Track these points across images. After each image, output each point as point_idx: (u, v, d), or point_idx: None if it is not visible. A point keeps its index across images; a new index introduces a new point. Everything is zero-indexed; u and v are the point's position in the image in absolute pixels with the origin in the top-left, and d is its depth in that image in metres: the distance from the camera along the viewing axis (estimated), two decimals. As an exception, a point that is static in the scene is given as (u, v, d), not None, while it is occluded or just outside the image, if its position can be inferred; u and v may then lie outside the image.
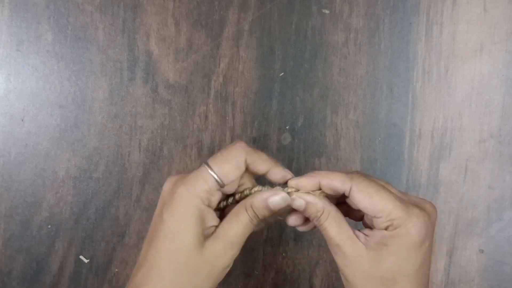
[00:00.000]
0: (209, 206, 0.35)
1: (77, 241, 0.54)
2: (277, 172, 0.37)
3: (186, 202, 0.34)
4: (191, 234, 0.34)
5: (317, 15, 0.55)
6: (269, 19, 0.55)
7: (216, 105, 0.55)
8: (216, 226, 0.36)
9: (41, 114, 0.54)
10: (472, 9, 0.54)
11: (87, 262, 0.55)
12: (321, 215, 0.35)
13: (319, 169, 0.55)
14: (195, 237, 0.34)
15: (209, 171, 0.35)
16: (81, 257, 0.55)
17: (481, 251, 0.55)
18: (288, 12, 0.54)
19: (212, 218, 0.36)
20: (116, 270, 0.55)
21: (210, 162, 0.35)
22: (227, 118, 0.55)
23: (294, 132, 0.55)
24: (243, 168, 0.36)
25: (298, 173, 0.38)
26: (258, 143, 0.55)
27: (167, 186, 0.36)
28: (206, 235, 0.35)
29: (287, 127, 0.55)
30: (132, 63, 0.54)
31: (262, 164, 0.36)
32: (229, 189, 0.37)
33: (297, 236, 0.56)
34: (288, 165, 0.54)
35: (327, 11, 0.55)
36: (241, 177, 0.37)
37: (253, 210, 0.36)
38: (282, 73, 0.55)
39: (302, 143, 0.55)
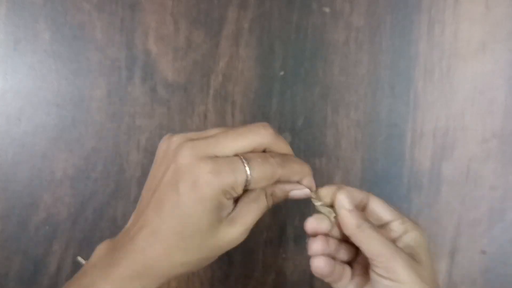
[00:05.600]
0: (230, 199, 0.35)
1: (74, 242, 0.54)
2: (308, 181, 0.38)
3: (211, 194, 0.33)
4: (206, 220, 0.33)
5: (317, 13, 0.54)
6: (269, 17, 0.54)
7: (215, 105, 0.54)
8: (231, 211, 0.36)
9: (38, 114, 0.53)
10: (474, 7, 0.54)
11: (85, 263, 0.54)
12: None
13: (320, 169, 0.55)
14: (210, 223, 0.34)
15: (245, 166, 0.34)
16: (79, 258, 0.54)
17: (484, 252, 0.54)
18: (288, 10, 0.54)
19: (229, 206, 0.35)
20: (114, 271, 0.54)
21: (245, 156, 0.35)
22: (226, 117, 0.55)
23: (294, 132, 0.55)
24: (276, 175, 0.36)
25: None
26: (258, 143, 0.55)
27: (185, 153, 0.34)
28: (220, 220, 0.35)
29: (287, 127, 0.55)
30: (131, 62, 0.54)
31: (295, 175, 0.37)
32: None
33: (297, 237, 0.55)
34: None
35: (327, 10, 0.54)
36: None
37: (272, 198, 0.37)
38: (282, 72, 0.54)
39: (303, 142, 0.55)
